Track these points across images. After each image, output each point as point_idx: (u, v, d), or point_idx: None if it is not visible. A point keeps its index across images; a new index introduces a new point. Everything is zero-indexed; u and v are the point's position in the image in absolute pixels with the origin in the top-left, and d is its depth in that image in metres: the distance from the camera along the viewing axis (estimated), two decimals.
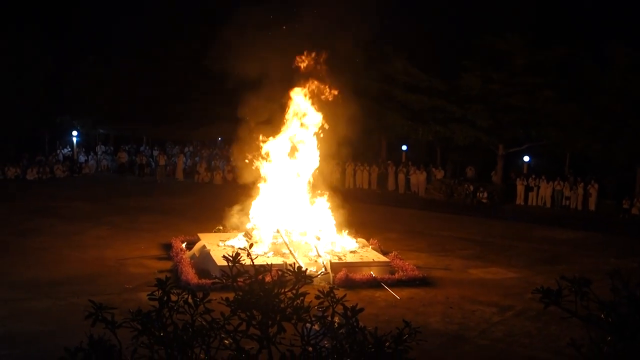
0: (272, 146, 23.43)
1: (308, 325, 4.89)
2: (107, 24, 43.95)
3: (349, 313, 4.89)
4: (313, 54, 23.16)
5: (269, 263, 5.58)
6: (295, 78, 23.21)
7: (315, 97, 23.16)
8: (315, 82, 23.12)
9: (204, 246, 21.88)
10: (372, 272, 19.94)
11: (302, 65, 23.24)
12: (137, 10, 42.36)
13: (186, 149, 46.52)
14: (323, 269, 19.60)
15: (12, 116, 41.16)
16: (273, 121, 23.48)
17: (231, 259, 5.24)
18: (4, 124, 41.26)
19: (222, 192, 33.04)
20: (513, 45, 34.91)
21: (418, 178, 39.29)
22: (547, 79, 34.36)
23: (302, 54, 23.22)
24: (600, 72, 33.65)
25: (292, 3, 23.93)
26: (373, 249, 22.46)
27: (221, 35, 22.81)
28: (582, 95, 33.90)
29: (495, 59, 35.54)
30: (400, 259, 21.51)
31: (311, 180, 23.60)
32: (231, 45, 22.10)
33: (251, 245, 7.40)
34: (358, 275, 19.64)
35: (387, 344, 4.86)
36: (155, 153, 45.81)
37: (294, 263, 11.42)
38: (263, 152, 23.43)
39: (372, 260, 21.06)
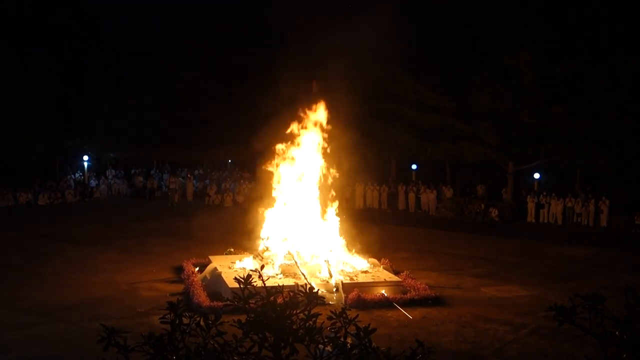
0: (283, 168, 23.47)
1: (321, 346, 4.86)
2: (116, 47, 44.33)
3: (361, 333, 4.86)
4: (321, 76, 23.29)
5: (281, 284, 5.56)
6: (305, 99, 23.29)
7: (326, 118, 23.21)
8: (326, 104, 23.18)
9: (215, 268, 21.86)
10: (384, 292, 19.87)
11: (313, 87, 23.35)
12: (146, 34, 42.81)
13: (195, 172, 46.64)
14: (335, 290, 19.55)
15: (23, 140, 41.40)
16: (283, 143, 23.52)
17: (243, 280, 5.23)
18: (15, 149, 41.50)
19: (233, 214, 33.02)
20: (521, 61, 34.92)
21: (428, 197, 39.23)
22: (556, 95, 34.33)
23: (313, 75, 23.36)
24: (609, 86, 33.63)
25: (298, 27, 24.13)
26: (384, 268, 22.37)
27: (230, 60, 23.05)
28: (591, 110, 33.85)
29: (504, 76, 35.55)
30: (412, 279, 21.42)
31: (322, 201, 23.58)
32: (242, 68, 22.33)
33: (262, 267, 7.40)
34: (370, 296, 19.56)
35: None
36: (165, 176, 45.95)
37: (306, 284, 11.37)
38: (274, 173, 23.46)
39: (383, 280, 20.99)
